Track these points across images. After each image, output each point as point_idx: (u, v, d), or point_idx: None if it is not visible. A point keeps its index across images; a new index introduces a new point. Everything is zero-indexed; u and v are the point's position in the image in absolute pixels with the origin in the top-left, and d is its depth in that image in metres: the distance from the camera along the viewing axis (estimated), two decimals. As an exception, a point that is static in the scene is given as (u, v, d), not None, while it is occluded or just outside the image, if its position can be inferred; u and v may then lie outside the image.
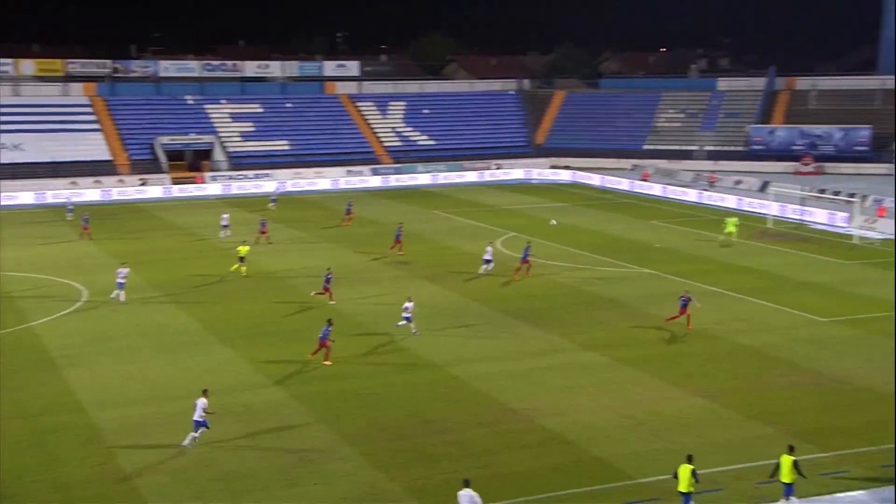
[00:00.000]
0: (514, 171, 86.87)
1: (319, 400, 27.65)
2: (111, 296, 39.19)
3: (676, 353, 32.23)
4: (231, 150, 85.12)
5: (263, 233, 52.55)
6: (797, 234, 54.20)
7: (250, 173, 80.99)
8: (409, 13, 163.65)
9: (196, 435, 24.08)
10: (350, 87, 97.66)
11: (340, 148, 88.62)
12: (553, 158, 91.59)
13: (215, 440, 24.38)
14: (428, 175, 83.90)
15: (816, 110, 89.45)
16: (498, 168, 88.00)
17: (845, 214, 57.07)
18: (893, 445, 22.80)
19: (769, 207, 60.51)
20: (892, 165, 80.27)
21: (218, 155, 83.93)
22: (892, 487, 21.56)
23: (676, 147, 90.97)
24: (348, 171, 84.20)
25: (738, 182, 77.21)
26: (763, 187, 72.23)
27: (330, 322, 31.25)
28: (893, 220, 54.39)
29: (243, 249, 44.32)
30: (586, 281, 43.24)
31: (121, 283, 38.88)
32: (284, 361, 30.95)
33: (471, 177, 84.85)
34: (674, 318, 35.06)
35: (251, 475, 22.72)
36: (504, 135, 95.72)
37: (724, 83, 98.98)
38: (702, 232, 55.24)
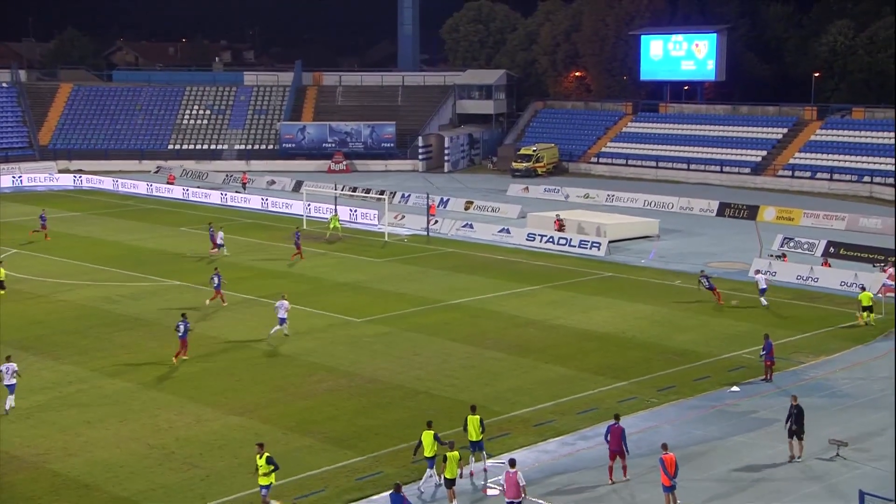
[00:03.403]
0: (6, 178, 79.91)
1: None
2: None
3: (211, 371, 32.25)
4: None
5: None
6: (332, 234, 57.16)
7: None
8: None
9: None
10: None
11: None
12: (62, 161, 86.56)
13: None
14: None
15: (344, 107, 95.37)
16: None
17: (375, 211, 61.60)
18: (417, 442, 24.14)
19: (302, 208, 62.97)
20: (420, 161, 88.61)
21: None
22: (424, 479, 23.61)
23: (205, 146, 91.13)
24: None
25: (272, 182, 79.54)
26: (297, 187, 75.22)
27: (184, 315, 33.27)
28: (425, 219, 59.83)
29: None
30: (107, 299, 41.54)
31: None
32: None
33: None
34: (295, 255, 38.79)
35: None
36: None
37: (250, 77, 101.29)
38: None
